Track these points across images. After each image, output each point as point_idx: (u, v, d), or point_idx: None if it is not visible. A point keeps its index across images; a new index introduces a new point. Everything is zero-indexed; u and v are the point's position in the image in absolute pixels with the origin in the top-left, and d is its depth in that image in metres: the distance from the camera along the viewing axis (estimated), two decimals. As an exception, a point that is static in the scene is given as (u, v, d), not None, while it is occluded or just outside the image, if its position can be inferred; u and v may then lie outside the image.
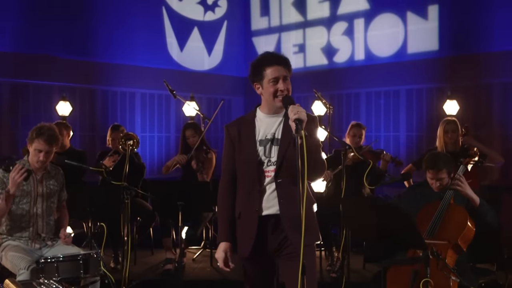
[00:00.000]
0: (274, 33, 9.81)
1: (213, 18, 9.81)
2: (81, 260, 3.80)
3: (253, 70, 3.04)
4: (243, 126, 3.12)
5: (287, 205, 2.98)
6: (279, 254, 3.05)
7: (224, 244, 3.08)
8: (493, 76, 7.37)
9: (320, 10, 9.20)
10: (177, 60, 9.29)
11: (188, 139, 6.09)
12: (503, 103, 7.33)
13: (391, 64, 8.31)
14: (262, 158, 3.02)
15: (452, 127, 5.67)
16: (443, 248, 3.82)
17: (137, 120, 8.76)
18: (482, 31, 7.44)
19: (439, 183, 4.12)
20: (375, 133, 7.70)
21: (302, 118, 2.78)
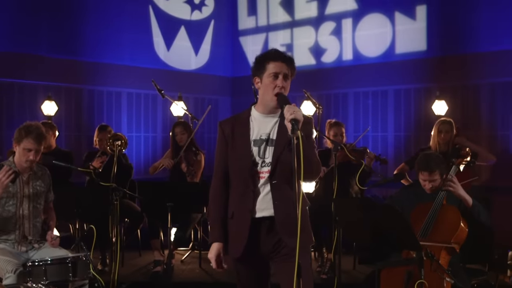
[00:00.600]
0: (261, 32, 9.77)
1: (200, 18, 9.73)
2: (70, 263, 3.72)
3: (256, 63, 2.99)
4: (237, 124, 3.06)
5: (282, 208, 2.93)
6: (273, 256, 3.00)
7: (216, 244, 3.02)
8: (481, 77, 7.39)
9: (307, 10, 9.17)
10: (164, 59, 9.20)
11: (177, 136, 6.03)
12: (491, 104, 7.36)
13: (379, 64, 8.30)
14: (256, 158, 2.97)
15: (446, 128, 5.67)
16: (437, 249, 3.80)
17: (124, 120, 8.66)
18: (469, 32, 7.47)
19: (431, 185, 4.11)
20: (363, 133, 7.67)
21: (299, 118, 2.73)
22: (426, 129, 7.77)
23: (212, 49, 9.83)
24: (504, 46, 7.15)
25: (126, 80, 8.58)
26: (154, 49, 9.08)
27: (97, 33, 8.26)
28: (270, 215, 2.94)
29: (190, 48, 9.57)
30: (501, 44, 7.17)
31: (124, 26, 8.61)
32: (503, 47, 7.16)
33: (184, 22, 9.47)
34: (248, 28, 9.94)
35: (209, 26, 9.82)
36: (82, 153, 7.42)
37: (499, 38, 7.20)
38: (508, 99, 7.21)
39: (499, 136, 7.26)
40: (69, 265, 3.72)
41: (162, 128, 9.11)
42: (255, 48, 9.84)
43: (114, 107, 8.58)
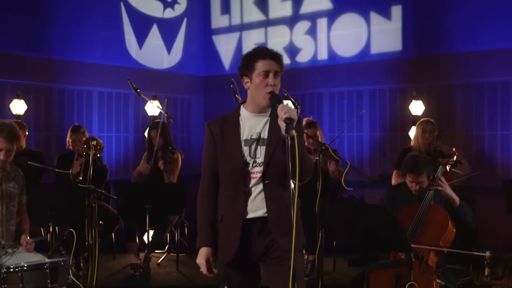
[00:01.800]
0: (235, 31, 9.66)
1: (173, 16, 9.56)
2: (48, 268, 3.54)
3: (244, 62, 2.90)
4: (226, 124, 2.96)
5: (275, 208, 2.85)
6: (265, 258, 2.92)
7: (205, 249, 2.92)
8: (456, 77, 7.45)
9: (282, 9, 9.10)
10: (135, 58, 9.00)
11: (153, 139, 5.90)
12: (466, 104, 7.42)
13: (354, 64, 8.29)
14: (247, 158, 2.88)
15: (430, 128, 5.68)
16: (425, 250, 3.77)
17: (95, 120, 8.43)
18: (444, 32, 7.51)
19: (418, 187, 4.08)
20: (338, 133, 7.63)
21: (293, 117, 2.66)
22: (401, 129, 7.82)
23: (185, 47, 9.68)
24: (478, 47, 7.22)
25: (97, 79, 8.36)
26: (126, 47, 8.87)
27: (68, 30, 8.02)
28: (262, 216, 2.86)
29: (163, 47, 9.39)
30: (476, 45, 7.23)
31: (95, 23, 8.39)
32: (477, 48, 7.22)
33: (156, 20, 9.29)
34: (222, 27, 9.82)
35: (181, 25, 9.66)
36: (52, 153, 7.21)
37: (473, 39, 7.26)
38: (482, 100, 7.28)
39: (474, 136, 7.33)
40: (47, 271, 3.54)
41: (134, 128, 8.91)
42: (229, 47, 9.74)
43: (85, 106, 8.35)
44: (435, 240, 3.84)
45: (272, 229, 2.84)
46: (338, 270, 5.82)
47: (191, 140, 9.76)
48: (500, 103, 7.14)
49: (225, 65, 9.76)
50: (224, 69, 9.75)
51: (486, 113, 7.26)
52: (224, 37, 9.80)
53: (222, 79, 9.62)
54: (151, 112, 7.20)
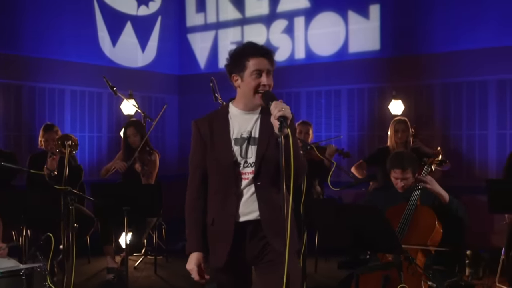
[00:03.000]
0: (210, 30, 9.51)
1: (147, 13, 9.36)
2: (24, 275, 3.37)
3: (234, 59, 2.76)
4: (215, 122, 2.83)
5: (268, 210, 2.74)
6: (258, 262, 2.80)
7: (196, 254, 2.79)
8: (434, 77, 7.45)
9: (258, 7, 9.00)
10: (109, 55, 8.78)
11: (129, 138, 5.73)
12: (444, 104, 7.43)
13: (332, 63, 8.24)
14: (238, 158, 2.76)
15: (402, 127, 5.66)
16: (413, 251, 3.71)
17: (67, 119, 8.19)
18: (422, 32, 7.51)
19: (403, 183, 4.03)
20: (316, 133, 7.58)
21: (287, 115, 2.55)
22: (380, 129, 7.79)
23: (160, 46, 9.49)
24: (456, 46, 7.23)
25: (70, 77, 8.12)
26: (99, 45, 8.65)
27: (39, 27, 7.77)
28: (255, 218, 2.75)
29: (137, 45, 9.19)
30: (454, 45, 7.25)
31: (68, 20, 8.15)
32: (455, 48, 7.24)
33: (130, 17, 9.08)
34: (197, 25, 9.66)
35: (156, 22, 9.47)
36: (22, 154, 6.97)
37: (452, 39, 7.28)
38: (461, 99, 7.30)
39: (452, 136, 7.34)
40: (22, 277, 3.37)
41: (108, 127, 8.70)
42: (204, 46, 9.60)
43: (57, 105, 8.10)
44: (422, 241, 3.78)
45: (265, 232, 2.74)
46: (320, 272, 5.75)
47: (166, 140, 9.59)
48: (478, 103, 7.17)
49: (201, 64, 9.62)
50: (200, 68, 9.61)
51: (464, 112, 7.28)
52: (199, 36, 9.65)
53: (197, 78, 9.49)
54: (126, 111, 7.01)
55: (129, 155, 5.68)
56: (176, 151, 9.69)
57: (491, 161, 7.05)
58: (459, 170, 7.07)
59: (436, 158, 4.14)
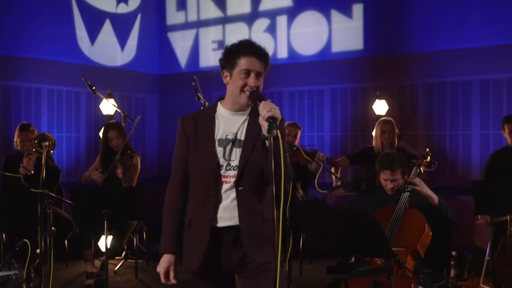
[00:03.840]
0: (191, 28, 9.37)
1: (126, 11, 9.18)
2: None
3: (227, 54, 2.65)
4: (201, 121, 2.72)
5: (247, 218, 2.62)
6: (240, 271, 2.69)
7: (167, 256, 2.68)
8: (417, 77, 7.42)
9: (240, 6, 8.89)
10: (87, 54, 8.59)
11: (111, 141, 5.55)
12: (427, 104, 7.39)
13: (315, 63, 8.16)
14: (221, 160, 2.65)
15: (388, 128, 5.62)
16: (402, 255, 3.64)
17: (44, 119, 7.98)
18: (406, 32, 7.48)
19: (393, 185, 3.96)
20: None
21: (277, 116, 2.44)
22: (363, 129, 7.74)
23: (139, 44, 9.32)
24: (440, 46, 7.21)
25: (47, 76, 7.91)
26: (77, 43, 8.45)
27: (15, 24, 7.55)
28: (235, 225, 2.63)
29: (116, 43, 9.01)
30: (437, 45, 7.23)
31: (45, 17, 7.94)
32: (439, 48, 7.22)
33: (109, 15, 8.89)
34: (177, 24, 9.51)
35: (135, 20, 9.30)
36: (-3, 155, 6.76)
37: (435, 39, 7.25)
38: (444, 99, 7.27)
39: (435, 136, 7.31)
40: (-3, 286, 3.22)
41: (86, 127, 8.50)
42: (185, 45, 9.45)
43: (33, 104, 7.89)
44: (412, 244, 3.71)
45: (244, 241, 2.63)
46: (305, 275, 5.66)
47: (145, 141, 9.41)
48: (461, 103, 7.15)
49: (181, 63, 9.47)
50: (180, 67, 9.46)
51: (447, 113, 7.25)
52: (180, 34, 9.50)
53: (178, 77, 9.36)
54: (106, 111, 6.83)
55: (109, 159, 5.50)
56: (156, 152, 9.53)
57: (475, 161, 7.03)
58: (443, 170, 7.04)
59: (425, 159, 4.10)
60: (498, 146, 6.64)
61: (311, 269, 5.91)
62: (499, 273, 4.92)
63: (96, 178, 5.46)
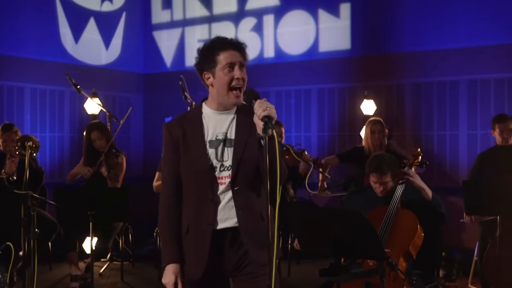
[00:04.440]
0: (177, 27, 9.27)
1: (111, 9, 9.05)
2: (-20, 288, 3.11)
3: (203, 56, 2.59)
4: (188, 124, 2.64)
5: (246, 217, 2.57)
6: (237, 274, 2.62)
7: (173, 266, 2.59)
8: (405, 77, 7.40)
9: (227, 4, 8.80)
10: (71, 53, 8.44)
11: (94, 142, 5.45)
12: (415, 103, 7.37)
13: (302, 62, 8.10)
14: (214, 162, 2.58)
15: (378, 128, 5.58)
16: (394, 256, 3.59)
17: (27, 118, 7.83)
18: (394, 32, 7.45)
19: (382, 187, 3.94)
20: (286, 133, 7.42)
21: (272, 116, 2.39)
22: (350, 129, 7.71)
23: (124, 43, 9.19)
24: (427, 46, 7.19)
25: (30, 74, 7.76)
26: (60, 41, 8.30)
27: (-4, 22, 7.40)
28: (233, 226, 2.57)
29: (100, 42, 8.87)
30: (425, 45, 7.21)
31: (27, 14, 7.79)
32: (426, 48, 7.20)
33: (93, 13, 8.76)
34: (163, 22, 9.40)
35: (120, 19, 9.17)
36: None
37: (423, 39, 7.24)
38: (431, 99, 7.26)
39: (423, 136, 7.29)
40: (-21, 290, 3.11)
41: (70, 127, 8.36)
42: (170, 44, 9.34)
43: (16, 104, 7.73)
44: (404, 245, 3.68)
45: (244, 241, 2.56)
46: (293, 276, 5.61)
47: (130, 141, 9.29)
48: (448, 103, 7.14)
49: (167, 62, 9.37)
50: (166, 67, 9.36)
51: (435, 113, 7.24)
52: (165, 33, 9.39)
53: (163, 76, 9.26)
54: (90, 110, 6.71)
55: (93, 159, 5.40)
56: (141, 152, 9.42)
57: (462, 161, 7.03)
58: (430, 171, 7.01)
59: (416, 159, 4.06)
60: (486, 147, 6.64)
61: (299, 270, 5.87)
62: (488, 274, 4.90)
63: (85, 173, 5.35)
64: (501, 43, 6.72)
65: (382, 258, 3.20)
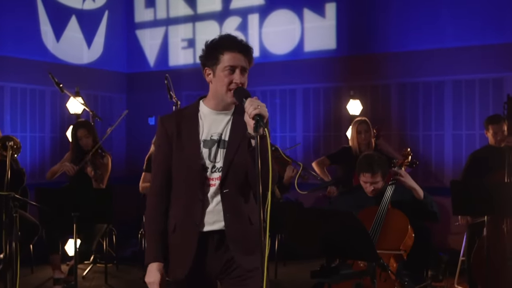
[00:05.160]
0: (160, 26, 9.16)
1: (93, 7, 8.91)
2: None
3: (208, 51, 2.52)
4: (183, 121, 2.58)
5: (234, 220, 2.52)
6: (225, 276, 2.57)
7: (156, 265, 2.53)
8: (390, 77, 7.38)
9: (211, 3, 8.73)
10: (52, 51, 8.29)
11: (81, 140, 5.35)
12: (400, 104, 7.37)
13: (287, 62, 8.05)
14: (206, 162, 2.53)
15: (364, 127, 5.57)
16: (385, 257, 3.56)
17: (7, 118, 7.66)
18: (379, 31, 7.43)
19: (373, 187, 3.90)
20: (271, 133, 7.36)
21: (264, 114, 2.33)
22: (335, 129, 7.68)
23: (106, 42, 9.06)
24: (413, 46, 7.19)
25: (10, 73, 7.59)
26: (41, 40, 8.15)
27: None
28: (220, 229, 2.52)
29: (82, 40, 8.73)
30: (410, 45, 7.21)
31: (7, 11, 7.62)
32: (412, 48, 7.20)
33: (75, 11, 8.61)
34: (146, 21, 9.29)
35: (102, 17, 9.03)
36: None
37: (408, 39, 7.23)
38: (417, 100, 7.26)
39: (408, 136, 7.29)
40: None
41: (51, 127, 8.20)
42: (153, 43, 9.24)
43: (-5, 103, 7.58)
44: (395, 246, 3.65)
45: (231, 246, 2.51)
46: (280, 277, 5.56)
47: (112, 141, 9.16)
48: (434, 103, 7.14)
49: (150, 62, 9.25)
50: (149, 66, 9.25)
51: (420, 113, 7.24)
52: (148, 32, 9.28)
53: (146, 76, 9.15)
54: (73, 110, 6.59)
55: (78, 157, 5.30)
56: (123, 153, 9.29)
57: (447, 162, 7.04)
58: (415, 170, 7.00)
59: (406, 159, 4.04)
60: (471, 147, 6.66)
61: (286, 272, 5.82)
62: (476, 274, 4.89)
63: (68, 169, 5.22)
64: (486, 43, 6.74)
65: (374, 259, 3.16)
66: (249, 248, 2.45)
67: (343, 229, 3.09)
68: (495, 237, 4.69)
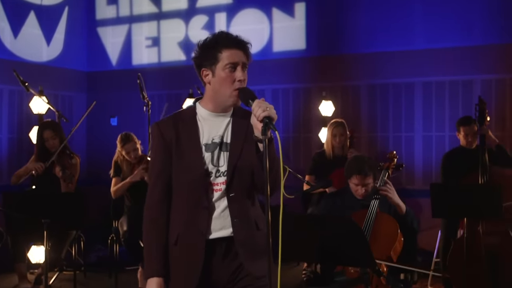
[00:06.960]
0: (123, 24, 8.88)
1: (53, 3, 8.55)
2: None
3: (204, 51, 2.39)
4: (181, 125, 2.44)
5: (242, 226, 2.40)
6: (232, 286, 2.44)
7: (156, 280, 2.38)
8: (360, 78, 7.36)
9: (176, 1, 8.51)
10: (10, 48, 7.91)
11: (47, 141, 5.10)
12: (370, 105, 7.35)
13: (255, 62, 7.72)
14: (209, 167, 2.40)
15: (340, 130, 5.50)
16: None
17: (-39, 118, 7.28)
18: (349, 32, 7.41)
19: (364, 190, 3.83)
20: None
21: (273, 116, 2.23)
22: (305, 131, 7.61)
23: (66, 39, 8.72)
24: (383, 47, 7.19)
25: (-36, 71, 7.22)
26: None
27: None
28: (228, 236, 2.39)
29: (41, 37, 8.37)
30: (380, 46, 7.20)
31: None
32: (382, 49, 7.19)
33: (34, 6, 8.25)
34: (108, 18, 8.99)
35: (62, 13, 8.69)
36: None
37: (377, 40, 7.22)
38: (387, 101, 7.26)
39: (378, 138, 7.28)
40: None
41: (8, 128, 7.82)
42: (116, 41, 8.95)
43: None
44: (385, 251, 3.59)
45: (239, 252, 2.39)
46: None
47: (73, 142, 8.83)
48: (404, 105, 7.16)
49: (112, 60, 8.97)
50: (111, 65, 8.96)
51: (390, 114, 7.25)
52: (110, 30, 8.99)
53: (108, 75, 8.88)
54: (37, 110, 6.28)
55: (44, 159, 5.03)
56: (84, 154, 8.95)
57: (417, 163, 7.06)
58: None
59: (392, 162, 3.98)
60: (441, 148, 6.71)
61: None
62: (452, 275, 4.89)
63: (37, 167, 4.94)
64: (456, 45, 6.80)
65: (371, 265, 3.08)
66: (257, 253, 2.34)
67: (340, 235, 2.99)
68: (472, 238, 4.71)
